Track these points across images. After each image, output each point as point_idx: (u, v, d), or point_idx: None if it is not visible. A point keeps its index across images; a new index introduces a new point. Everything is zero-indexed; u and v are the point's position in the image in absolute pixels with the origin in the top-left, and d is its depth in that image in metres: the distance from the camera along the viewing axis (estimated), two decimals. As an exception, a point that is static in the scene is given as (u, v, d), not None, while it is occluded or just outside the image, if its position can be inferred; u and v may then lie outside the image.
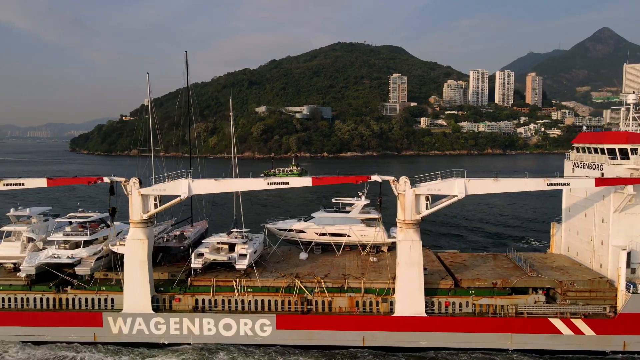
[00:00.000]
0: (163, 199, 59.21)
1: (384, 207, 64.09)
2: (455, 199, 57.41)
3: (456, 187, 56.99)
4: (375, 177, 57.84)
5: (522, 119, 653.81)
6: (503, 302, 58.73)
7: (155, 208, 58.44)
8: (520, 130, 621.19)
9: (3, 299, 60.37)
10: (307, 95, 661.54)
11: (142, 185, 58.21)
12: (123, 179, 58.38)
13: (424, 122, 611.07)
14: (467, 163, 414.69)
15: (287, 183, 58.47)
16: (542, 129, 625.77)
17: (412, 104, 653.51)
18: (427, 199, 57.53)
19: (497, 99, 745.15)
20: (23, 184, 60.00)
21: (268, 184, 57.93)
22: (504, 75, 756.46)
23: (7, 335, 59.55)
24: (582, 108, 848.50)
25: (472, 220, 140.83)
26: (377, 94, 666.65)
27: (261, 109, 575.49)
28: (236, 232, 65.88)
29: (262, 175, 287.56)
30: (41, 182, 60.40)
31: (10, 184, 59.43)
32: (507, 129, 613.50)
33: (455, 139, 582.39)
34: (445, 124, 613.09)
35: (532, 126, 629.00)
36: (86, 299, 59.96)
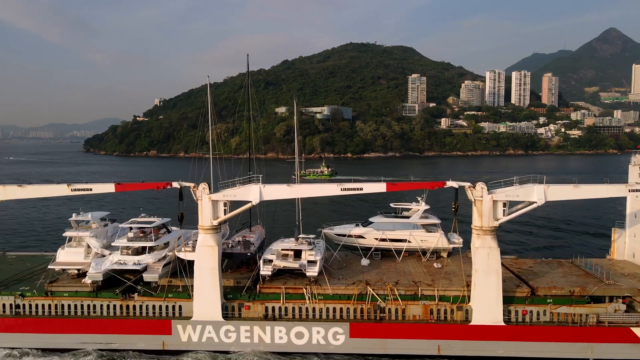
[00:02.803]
0: (232, 204, 58.13)
1: (441, 211, 62.70)
2: (534, 205, 55.84)
3: (535, 194, 55.54)
4: (451, 183, 56.36)
5: (541, 120, 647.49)
6: (582, 310, 57.01)
7: (225, 214, 57.29)
8: (541, 130, 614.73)
9: (69, 305, 59.45)
10: (325, 95, 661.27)
11: (211, 190, 57.18)
12: (192, 184, 57.33)
13: (444, 122, 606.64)
14: (490, 164, 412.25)
15: (361, 189, 56.99)
16: (563, 130, 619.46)
17: (431, 105, 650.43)
18: (504, 205, 55.98)
19: (514, 99, 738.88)
20: (91, 189, 59.14)
21: (342, 189, 56.51)
22: (520, 75, 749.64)
23: (74, 342, 58.62)
24: (591, 108, 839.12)
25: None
26: (395, 95, 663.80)
27: (281, 110, 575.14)
28: (303, 238, 64.62)
29: (293, 176, 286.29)
30: (109, 188, 59.34)
31: (79, 189, 58.49)
32: (528, 130, 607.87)
33: (477, 140, 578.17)
34: (465, 124, 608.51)
35: (552, 127, 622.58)
36: (153, 306, 58.89)
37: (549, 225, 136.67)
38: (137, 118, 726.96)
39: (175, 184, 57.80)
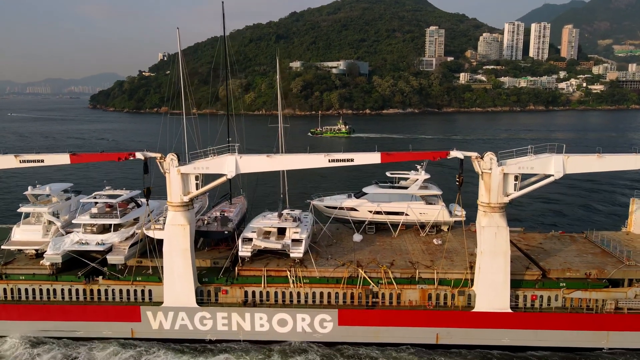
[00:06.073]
0: (205, 177, 51.46)
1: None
2: (551, 178, 48.60)
3: (552, 165, 48.29)
4: (455, 153, 49.01)
5: (562, 74, 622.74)
6: (600, 295, 50.43)
7: (197, 188, 50.70)
8: (562, 85, 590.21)
9: (27, 289, 53.70)
10: (339, 49, 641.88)
11: (180, 161, 50.30)
12: (158, 155, 50.41)
13: (463, 77, 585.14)
14: (509, 121, 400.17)
15: (352, 160, 49.84)
16: (584, 85, 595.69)
17: (449, 59, 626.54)
18: (516, 178, 48.73)
19: (532, 53, 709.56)
20: (42, 161, 52.17)
21: (329, 160, 49.43)
22: (539, 27, 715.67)
23: (33, 330, 53.44)
24: (607, 62, 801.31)
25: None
26: (411, 48, 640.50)
27: (296, 64, 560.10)
28: (287, 213, 57.99)
29: (310, 134, 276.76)
30: (63, 159, 52.25)
31: (28, 161, 51.87)
32: (549, 85, 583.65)
33: (497, 95, 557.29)
34: (484, 79, 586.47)
35: (573, 81, 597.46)
36: (120, 291, 53.14)
37: (556, 190, 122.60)
38: (144, 73, 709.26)
39: (139, 155, 50.91)
